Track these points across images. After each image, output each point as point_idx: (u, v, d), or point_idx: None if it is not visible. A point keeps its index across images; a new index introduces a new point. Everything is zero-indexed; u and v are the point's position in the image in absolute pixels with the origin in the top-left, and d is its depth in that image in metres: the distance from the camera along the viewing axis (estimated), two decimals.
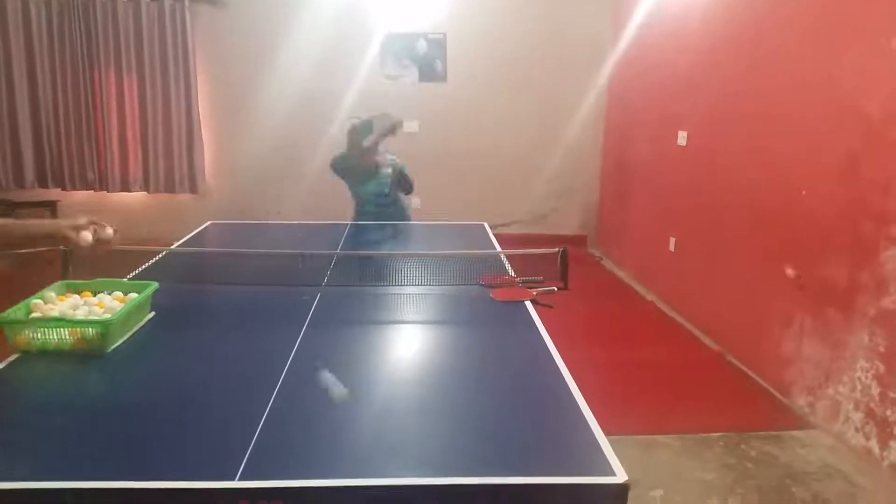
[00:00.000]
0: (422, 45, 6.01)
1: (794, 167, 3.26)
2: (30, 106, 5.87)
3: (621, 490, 1.24)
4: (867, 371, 2.75)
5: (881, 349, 2.68)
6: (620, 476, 1.26)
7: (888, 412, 2.64)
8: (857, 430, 2.81)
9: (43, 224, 1.87)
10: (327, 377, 1.65)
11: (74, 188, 6.06)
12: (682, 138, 4.48)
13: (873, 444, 2.72)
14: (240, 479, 1.23)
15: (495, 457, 1.36)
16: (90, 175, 6.02)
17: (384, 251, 3.19)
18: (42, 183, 6.04)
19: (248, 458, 1.30)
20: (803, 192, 3.17)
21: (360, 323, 2.19)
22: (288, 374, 1.70)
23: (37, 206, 5.98)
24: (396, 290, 2.50)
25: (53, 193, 6.07)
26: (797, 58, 3.27)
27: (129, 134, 6.00)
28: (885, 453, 2.66)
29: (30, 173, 5.96)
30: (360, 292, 2.47)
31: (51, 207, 6.00)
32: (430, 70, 6.07)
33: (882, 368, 2.68)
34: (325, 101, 5.88)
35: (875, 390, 2.71)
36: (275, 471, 1.26)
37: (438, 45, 6.01)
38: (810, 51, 3.18)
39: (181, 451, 1.35)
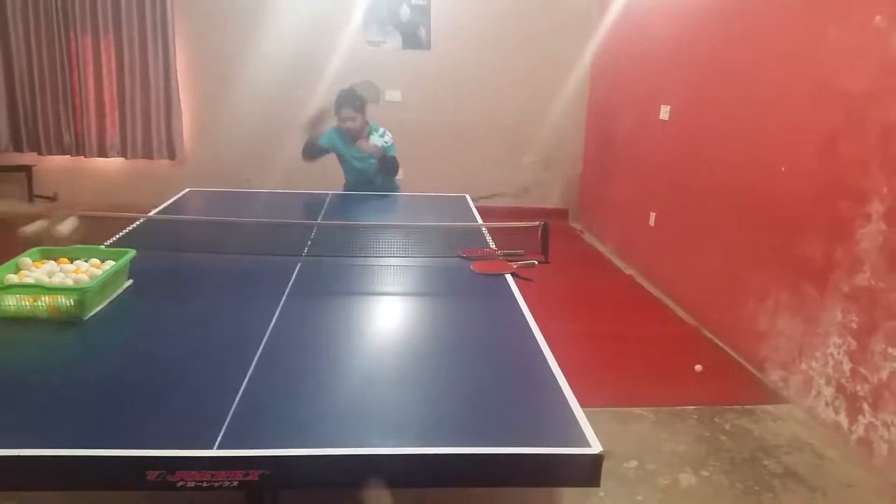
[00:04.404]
0: (405, 11, 5.92)
1: (775, 143, 3.27)
2: (3, 68, 5.72)
3: (596, 460, 1.26)
4: (839, 347, 2.81)
5: (854, 325, 2.73)
6: (595, 447, 1.28)
7: (858, 388, 2.70)
8: (827, 404, 2.87)
9: None
10: None
11: (50, 153, 5.94)
12: (664, 112, 4.48)
13: (842, 419, 2.78)
14: (218, 448, 1.23)
15: (473, 427, 1.37)
16: (66, 139, 5.91)
17: (365, 222, 3.18)
18: (17, 147, 5.91)
19: (226, 428, 1.30)
20: (783, 169, 3.20)
21: (340, 294, 2.19)
22: (267, 344, 1.70)
23: (12, 170, 5.86)
24: (377, 261, 2.50)
25: (29, 158, 5.95)
26: (780, 33, 3.27)
27: (107, 98, 5.87)
28: (853, 427, 2.72)
29: (4, 137, 5.83)
30: (340, 263, 2.46)
31: (26, 172, 5.89)
32: (413, 37, 5.99)
33: (854, 345, 2.73)
34: (306, 65, 5.79)
35: (846, 366, 2.77)
36: (254, 440, 1.27)
37: (422, 11, 5.93)
38: (793, 26, 3.18)
39: (159, 419, 1.35)
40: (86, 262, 2.03)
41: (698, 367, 3.34)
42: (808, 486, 2.47)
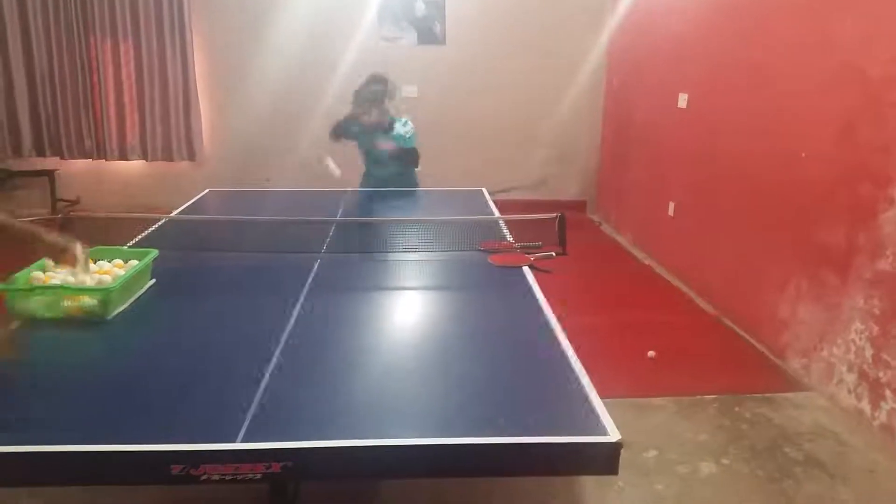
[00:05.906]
0: (420, 7, 5.93)
1: (793, 129, 3.24)
2: (26, 73, 5.80)
3: (614, 448, 1.27)
4: (861, 333, 2.78)
5: (876, 311, 2.71)
6: (613, 435, 1.29)
7: (881, 374, 2.68)
8: (849, 391, 2.85)
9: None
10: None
11: (72, 157, 6.02)
12: (682, 101, 4.45)
13: (865, 405, 2.76)
14: (242, 441, 1.26)
15: (492, 417, 1.39)
16: (87, 143, 5.99)
17: (383, 218, 3.20)
18: (40, 151, 5.99)
19: (249, 421, 1.33)
20: (803, 155, 3.17)
21: (359, 289, 2.21)
22: (289, 339, 1.73)
23: (35, 175, 5.95)
24: (395, 255, 2.52)
25: (51, 162, 6.03)
26: (797, 18, 3.24)
27: (127, 101, 5.94)
28: (876, 413, 2.70)
29: (27, 141, 5.92)
30: (359, 258, 2.49)
31: (49, 176, 5.98)
32: (428, 32, 6.00)
33: (876, 330, 2.71)
34: (322, 62, 5.80)
35: (869, 352, 2.74)
36: (276, 433, 1.29)
37: (437, 6, 5.93)
38: (811, 11, 3.15)
39: (184, 414, 1.38)
40: (109, 262, 2.07)
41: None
42: (830, 473, 2.45)
